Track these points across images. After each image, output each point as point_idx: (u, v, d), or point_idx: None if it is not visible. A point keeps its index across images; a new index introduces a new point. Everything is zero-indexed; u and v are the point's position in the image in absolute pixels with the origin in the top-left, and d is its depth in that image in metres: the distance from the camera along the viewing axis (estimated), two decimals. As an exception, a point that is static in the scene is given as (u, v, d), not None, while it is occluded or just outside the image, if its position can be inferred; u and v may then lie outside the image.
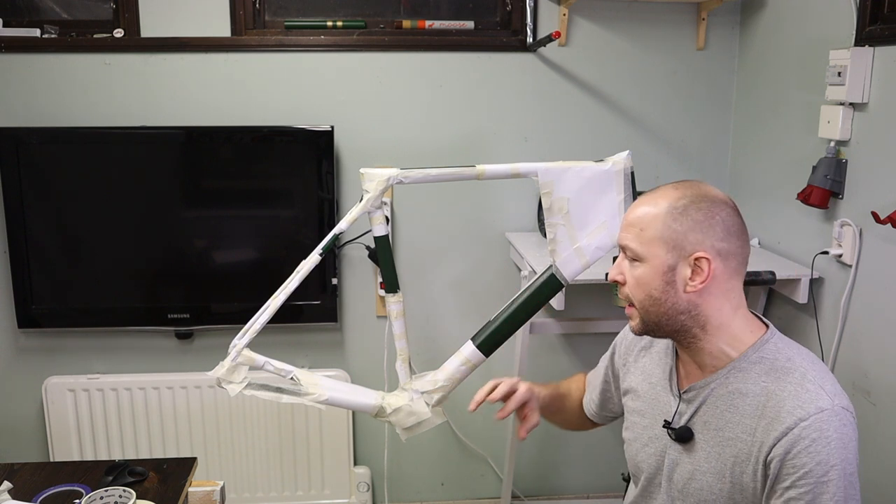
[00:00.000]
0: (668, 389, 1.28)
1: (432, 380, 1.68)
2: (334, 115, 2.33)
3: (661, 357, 1.32)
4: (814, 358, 1.20)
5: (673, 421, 1.25)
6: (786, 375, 1.15)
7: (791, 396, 1.12)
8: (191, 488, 1.60)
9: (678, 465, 1.25)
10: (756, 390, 1.16)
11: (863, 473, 1.78)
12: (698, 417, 1.22)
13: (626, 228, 1.20)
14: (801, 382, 1.13)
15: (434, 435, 2.18)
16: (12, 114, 2.27)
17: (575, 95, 2.39)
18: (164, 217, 2.30)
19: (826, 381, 1.14)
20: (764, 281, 1.92)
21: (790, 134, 2.10)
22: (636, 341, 1.39)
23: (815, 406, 1.10)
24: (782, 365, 1.16)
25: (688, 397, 1.24)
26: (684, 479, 1.24)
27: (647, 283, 1.17)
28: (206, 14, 2.27)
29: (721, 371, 1.20)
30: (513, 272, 2.47)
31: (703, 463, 1.21)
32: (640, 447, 1.33)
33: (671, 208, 1.15)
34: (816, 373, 1.15)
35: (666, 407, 1.28)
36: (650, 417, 1.31)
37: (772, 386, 1.15)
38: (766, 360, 1.17)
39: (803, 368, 1.15)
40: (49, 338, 2.42)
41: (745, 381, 1.17)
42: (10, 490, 1.52)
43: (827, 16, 1.92)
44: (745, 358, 1.18)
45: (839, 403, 1.11)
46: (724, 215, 1.15)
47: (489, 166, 1.64)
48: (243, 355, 1.61)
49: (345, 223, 1.63)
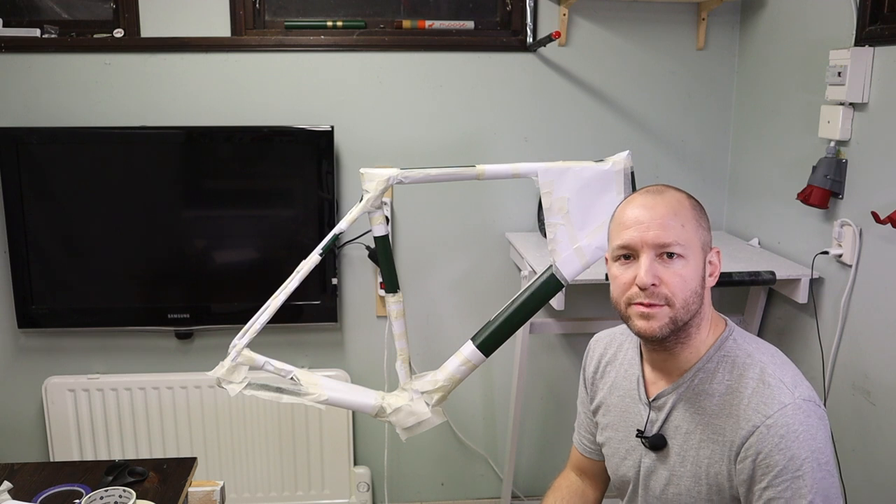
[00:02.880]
0: (637, 399, 1.28)
1: (432, 380, 1.68)
2: (334, 115, 2.33)
3: (627, 368, 1.32)
4: (773, 351, 1.21)
5: (645, 430, 1.25)
6: (746, 371, 1.16)
7: (753, 394, 1.13)
8: (191, 488, 1.60)
9: (653, 472, 1.25)
10: (721, 390, 1.17)
11: (863, 473, 1.78)
12: (669, 423, 1.23)
13: (664, 228, 1.15)
14: (762, 378, 1.15)
15: (434, 435, 2.18)
16: (12, 114, 2.27)
17: (575, 95, 2.39)
18: (164, 217, 2.30)
19: (786, 374, 1.15)
20: (764, 281, 1.92)
21: (790, 134, 2.10)
22: (601, 356, 1.39)
23: (777, 402, 1.11)
24: (742, 361, 1.18)
25: (657, 405, 1.24)
26: (661, 485, 1.24)
27: (692, 279, 1.16)
28: (206, 14, 2.27)
29: (686, 374, 1.20)
30: (513, 272, 2.47)
31: (678, 468, 1.21)
32: (620, 461, 1.32)
33: (693, 206, 1.20)
34: (776, 366, 1.16)
35: (637, 417, 1.28)
36: (623, 430, 1.31)
37: (734, 384, 1.16)
38: (727, 358, 1.19)
39: (762, 363, 1.17)
40: (49, 338, 2.42)
41: (710, 382, 1.18)
42: (10, 490, 1.52)
43: (827, 16, 1.92)
44: (708, 358, 1.20)
45: (800, 396, 1.12)
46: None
47: (489, 166, 1.64)
48: (243, 355, 1.61)
49: (345, 223, 1.63)
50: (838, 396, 1.86)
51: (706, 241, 1.19)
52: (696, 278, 1.16)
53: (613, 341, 1.40)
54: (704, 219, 1.21)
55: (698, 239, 1.17)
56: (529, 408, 2.55)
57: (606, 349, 1.40)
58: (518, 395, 2.32)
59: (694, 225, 1.18)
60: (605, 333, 1.43)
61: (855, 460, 1.81)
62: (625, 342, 1.37)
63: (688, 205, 1.19)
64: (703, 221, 1.20)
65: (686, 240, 1.15)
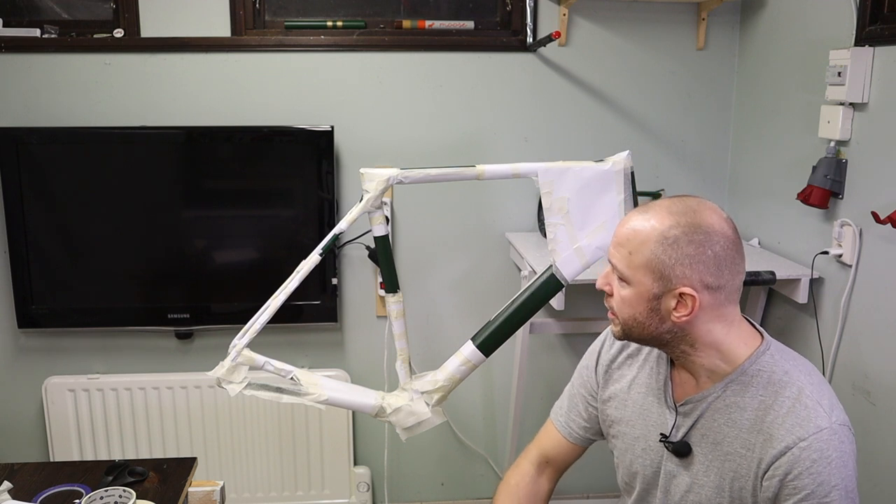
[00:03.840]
0: (663, 401, 1.26)
1: (432, 380, 1.68)
2: (334, 115, 2.33)
3: (653, 366, 1.30)
4: (811, 369, 1.19)
5: (670, 434, 1.23)
6: (783, 390, 1.13)
7: (789, 413, 1.11)
8: (191, 488, 1.60)
9: (675, 477, 1.24)
10: (754, 404, 1.15)
11: (863, 473, 1.78)
12: (695, 431, 1.21)
13: (616, 247, 1.17)
14: (799, 398, 1.12)
15: (434, 435, 2.18)
16: (12, 114, 2.27)
17: (575, 95, 2.39)
18: (164, 217, 2.30)
19: (823, 396, 1.13)
20: (764, 281, 1.92)
21: (790, 134, 2.10)
22: (623, 347, 1.36)
23: (813, 425, 1.09)
24: (779, 378, 1.15)
25: (684, 410, 1.22)
26: (682, 491, 1.23)
27: (632, 306, 1.15)
28: (206, 14, 2.27)
29: (718, 384, 1.18)
30: (513, 272, 2.47)
31: (701, 476, 1.20)
32: (634, 458, 1.31)
33: (661, 237, 1.10)
34: (814, 387, 1.14)
35: (661, 419, 1.26)
36: (641, 428, 1.29)
37: (769, 400, 1.13)
38: (762, 373, 1.15)
39: (800, 383, 1.14)
40: (49, 338, 2.42)
41: (742, 395, 1.16)
42: (10, 490, 1.52)
43: (827, 16, 1.92)
44: (742, 371, 1.16)
45: (837, 420, 1.10)
46: (718, 249, 1.10)
47: (489, 166, 1.64)
48: (243, 355, 1.61)
49: (345, 223, 1.63)
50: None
51: (678, 276, 1.10)
52: (638, 306, 1.14)
53: None
54: (685, 255, 1.09)
55: (652, 273, 1.11)
56: (529, 408, 2.54)
57: (629, 342, 1.34)
58: (518, 395, 2.32)
59: (650, 257, 1.11)
60: None
61: (855, 460, 1.81)
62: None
63: (656, 234, 1.10)
64: (679, 257, 1.09)
65: (629, 268, 1.13)
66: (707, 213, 1.12)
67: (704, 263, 1.10)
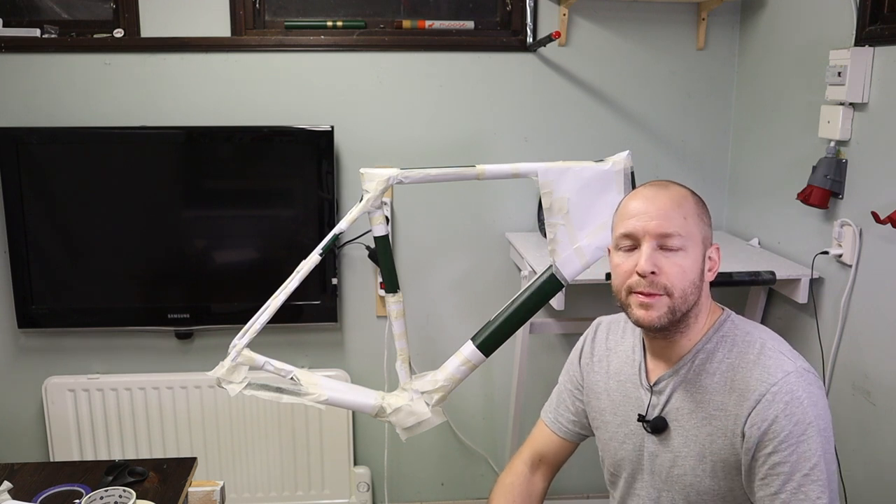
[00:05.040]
0: (639, 384, 1.30)
1: (432, 380, 1.68)
2: (334, 115, 2.33)
3: (629, 355, 1.34)
4: (770, 331, 1.25)
5: (647, 414, 1.27)
6: (747, 348, 1.20)
7: (755, 366, 1.17)
8: (191, 488, 1.60)
9: (657, 456, 1.27)
10: (722, 368, 1.20)
11: (863, 473, 1.79)
12: (670, 405, 1.25)
13: (667, 219, 1.18)
14: (762, 351, 1.18)
15: (434, 435, 2.18)
16: (12, 114, 2.27)
17: (575, 95, 2.39)
18: (164, 217, 2.30)
19: (783, 347, 1.20)
20: (764, 281, 1.92)
21: (790, 134, 2.10)
22: (600, 343, 1.41)
23: (780, 370, 1.15)
24: (742, 339, 1.21)
25: (658, 388, 1.27)
26: (666, 468, 1.26)
27: (692, 270, 1.19)
28: (206, 14, 2.27)
29: (686, 357, 1.23)
30: (513, 272, 2.47)
31: (681, 448, 1.23)
32: (619, 445, 1.34)
33: (696, 202, 1.23)
34: (775, 342, 1.21)
35: (638, 402, 1.30)
36: (622, 415, 1.33)
37: (735, 361, 1.19)
38: (726, 338, 1.22)
39: (762, 339, 1.21)
40: (49, 338, 2.42)
41: (710, 362, 1.22)
42: (10, 490, 1.52)
43: (827, 16, 1.92)
44: (707, 339, 1.23)
45: (801, 366, 1.17)
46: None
47: (489, 166, 1.64)
48: (243, 355, 1.61)
49: (345, 223, 1.63)
50: (838, 396, 1.86)
51: (707, 236, 1.23)
52: (695, 270, 1.19)
53: (616, 328, 1.41)
54: (706, 215, 1.24)
55: (699, 233, 1.21)
56: (529, 408, 2.54)
57: (609, 335, 1.41)
58: (518, 395, 2.32)
59: (696, 219, 1.21)
60: (609, 319, 1.44)
61: (855, 460, 1.81)
62: (627, 329, 1.38)
63: (691, 200, 1.23)
64: (705, 217, 1.24)
65: (687, 232, 1.18)
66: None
67: (711, 222, 1.26)
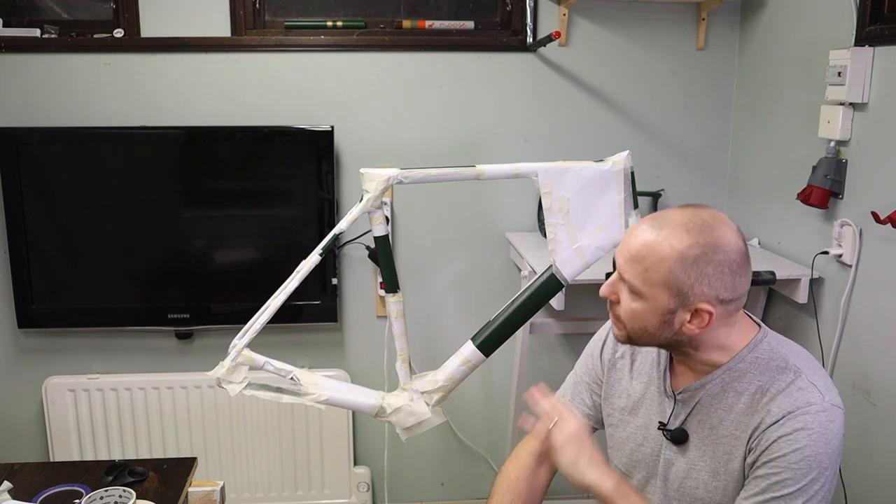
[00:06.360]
0: (662, 390, 1.28)
1: (432, 380, 1.68)
2: (334, 115, 2.33)
3: (654, 357, 1.32)
4: (807, 355, 1.22)
5: (668, 422, 1.26)
6: (780, 374, 1.17)
7: (783, 394, 1.14)
8: (191, 488, 1.60)
9: (673, 464, 1.26)
10: (751, 389, 1.18)
11: (863, 473, 1.78)
12: (692, 417, 1.23)
13: (630, 262, 1.14)
14: (794, 381, 1.15)
15: (434, 435, 2.18)
16: (12, 114, 2.27)
17: (575, 95, 2.39)
18: (164, 217, 2.30)
19: (818, 378, 1.16)
20: (764, 281, 1.92)
21: (790, 134, 2.10)
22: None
23: (804, 401, 1.13)
24: (777, 364, 1.18)
25: (682, 398, 1.24)
26: (680, 477, 1.25)
27: (643, 319, 1.16)
28: (206, 14, 2.27)
29: (716, 372, 1.20)
30: (513, 272, 2.47)
31: (697, 461, 1.23)
32: (636, 447, 1.33)
33: (681, 257, 1.10)
34: (810, 371, 1.17)
35: (660, 407, 1.28)
36: (643, 417, 1.31)
37: (766, 384, 1.17)
38: (760, 360, 1.19)
39: (797, 367, 1.17)
40: (49, 338, 2.42)
41: (739, 381, 1.19)
42: (10, 490, 1.52)
43: (827, 16, 1.92)
44: (741, 359, 1.19)
45: (829, 400, 1.13)
46: (735, 266, 1.11)
47: (489, 166, 1.64)
48: (243, 355, 1.61)
49: (345, 223, 1.63)
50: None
51: (696, 294, 1.10)
52: (649, 319, 1.14)
53: None
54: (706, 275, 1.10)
55: (669, 287, 1.11)
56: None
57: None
58: (518, 395, 2.32)
59: (665, 274, 1.10)
60: None
61: (855, 460, 1.81)
62: None
63: (676, 254, 1.10)
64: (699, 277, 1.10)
65: (645, 284, 1.12)
66: (723, 230, 1.12)
67: (722, 281, 1.11)
